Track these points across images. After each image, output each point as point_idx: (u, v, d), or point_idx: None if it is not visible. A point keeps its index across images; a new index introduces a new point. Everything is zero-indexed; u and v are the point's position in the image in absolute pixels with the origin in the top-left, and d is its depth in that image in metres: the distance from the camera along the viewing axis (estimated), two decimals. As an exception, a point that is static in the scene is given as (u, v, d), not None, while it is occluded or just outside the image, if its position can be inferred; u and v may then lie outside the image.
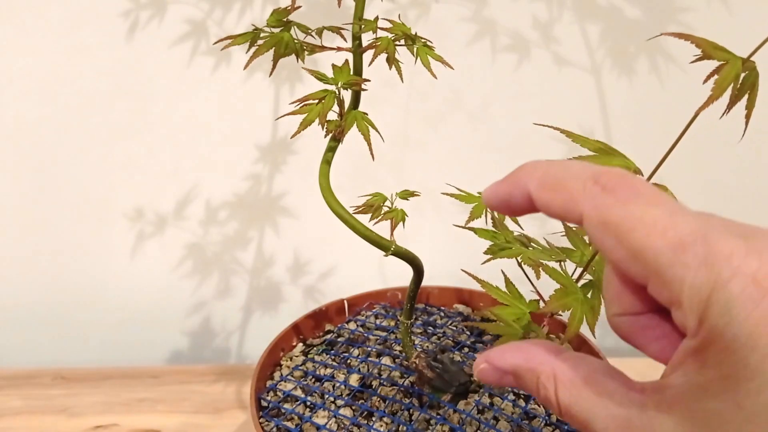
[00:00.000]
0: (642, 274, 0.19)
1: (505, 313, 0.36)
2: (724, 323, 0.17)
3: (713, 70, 0.30)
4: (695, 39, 0.30)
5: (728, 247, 0.17)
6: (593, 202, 0.20)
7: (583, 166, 0.21)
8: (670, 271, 0.18)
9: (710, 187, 0.74)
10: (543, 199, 0.22)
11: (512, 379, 0.23)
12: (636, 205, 0.19)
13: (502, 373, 0.23)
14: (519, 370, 0.23)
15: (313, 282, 0.78)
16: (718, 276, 0.17)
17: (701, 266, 0.18)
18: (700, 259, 0.18)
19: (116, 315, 0.78)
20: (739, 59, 0.30)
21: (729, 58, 0.30)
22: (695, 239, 0.18)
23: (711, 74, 0.29)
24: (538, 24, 0.67)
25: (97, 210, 0.73)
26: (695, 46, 0.30)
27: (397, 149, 0.72)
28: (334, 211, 0.42)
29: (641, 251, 0.19)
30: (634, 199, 0.20)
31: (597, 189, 0.20)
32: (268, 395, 0.49)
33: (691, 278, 0.18)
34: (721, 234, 0.18)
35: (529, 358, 0.23)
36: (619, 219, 0.19)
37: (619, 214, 0.19)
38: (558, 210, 0.21)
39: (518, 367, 0.23)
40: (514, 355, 0.23)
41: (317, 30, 0.41)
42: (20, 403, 0.68)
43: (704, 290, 0.17)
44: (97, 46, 0.66)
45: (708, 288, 0.17)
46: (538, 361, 0.22)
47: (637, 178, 0.20)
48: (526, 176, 0.22)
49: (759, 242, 0.18)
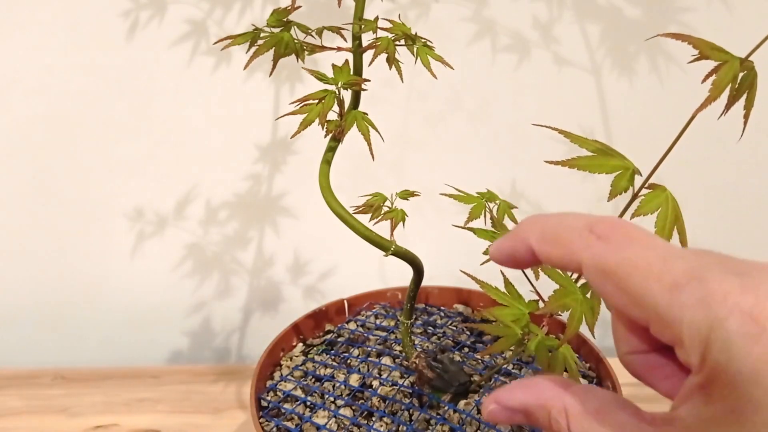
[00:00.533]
0: (643, 317, 0.20)
1: (504, 313, 0.36)
2: (725, 360, 0.17)
3: (711, 70, 0.30)
4: (692, 39, 0.30)
5: (724, 285, 0.18)
6: (590, 252, 0.21)
7: (577, 217, 0.22)
8: (668, 312, 0.19)
9: (711, 187, 0.74)
10: (544, 252, 0.23)
11: (523, 417, 0.23)
12: (630, 251, 0.20)
13: (512, 413, 0.23)
14: (529, 408, 0.23)
15: (313, 282, 0.78)
16: (716, 314, 0.18)
17: (698, 306, 0.18)
18: (696, 299, 0.18)
19: (116, 315, 0.78)
20: (737, 59, 0.30)
21: (727, 59, 0.30)
22: (690, 279, 0.18)
23: (709, 74, 0.30)
24: (538, 24, 0.67)
25: (97, 210, 0.73)
26: (692, 46, 0.30)
27: (397, 149, 0.72)
28: (334, 211, 0.42)
29: (639, 296, 0.19)
30: (629, 245, 0.20)
31: (592, 238, 0.21)
32: (268, 395, 0.49)
33: (689, 318, 0.18)
34: (716, 272, 0.18)
35: (539, 394, 0.23)
36: (616, 266, 0.20)
37: (615, 261, 0.20)
38: (558, 261, 0.22)
39: (528, 404, 0.23)
40: (523, 393, 0.23)
41: (317, 30, 0.41)
42: (20, 403, 0.68)
43: (703, 329, 0.18)
44: (97, 46, 0.66)
45: (706, 327, 0.18)
46: (547, 397, 0.22)
47: (629, 224, 0.21)
48: (526, 232, 0.23)
49: (754, 279, 0.18)
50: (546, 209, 0.72)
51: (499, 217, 0.43)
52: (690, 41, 0.30)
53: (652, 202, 0.32)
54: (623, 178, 0.32)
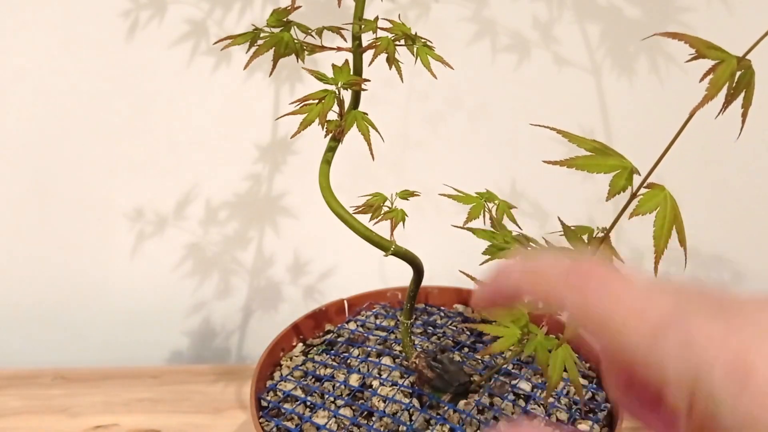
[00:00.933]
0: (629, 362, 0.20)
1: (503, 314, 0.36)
2: (712, 413, 0.17)
3: (708, 69, 0.30)
4: (689, 38, 0.30)
5: (706, 330, 0.17)
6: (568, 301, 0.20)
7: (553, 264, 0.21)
8: (651, 359, 0.18)
9: (710, 185, 0.74)
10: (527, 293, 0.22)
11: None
12: (608, 298, 0.20)
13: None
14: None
15: (313, 282, 0.78)
16: (699, 363, 0.17)
17: (681, 353, 0.18)
18: (679, 346, 0.18)
19: (116, 315, 0.78)
20: (734, 58, 0.30)
21: (724, 57, 0.30)
22: (671, 323, 0.18)
23: (706, 73, 0.30)
24: (538, 24, 0.67)
25: (97, 210, 0.73)
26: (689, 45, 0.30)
27: (397, 149, 0.72)
28: (334, 211, 0.42)
29: (621, 342, 0.19)
30: (606, 292, 0.20)
31: (568, 288, 0.21)
32: (268, 395, 0.49)
33: (673, 366, 0.18)
34: (698, 315, 0.18)
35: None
36: (594, 314, 0.20)
37: (592, 310, 0.20)
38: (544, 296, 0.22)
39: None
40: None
41: (317, 30, 0.41)
42: (20, 403, 0.68)
43: (688, 378, 0.17)
44: (97, 46, 0.66)
45: (691, 376, 0.17)
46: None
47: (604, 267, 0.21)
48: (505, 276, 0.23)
49: (737, 319, 0.17)
50: (546, 209, 0.72)
51: (499, 217, 0.43)
52: (686, 40, 0.30)
53: (650, 201, 0.32)
54: (621, 178, 0.32)
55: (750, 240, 0.77)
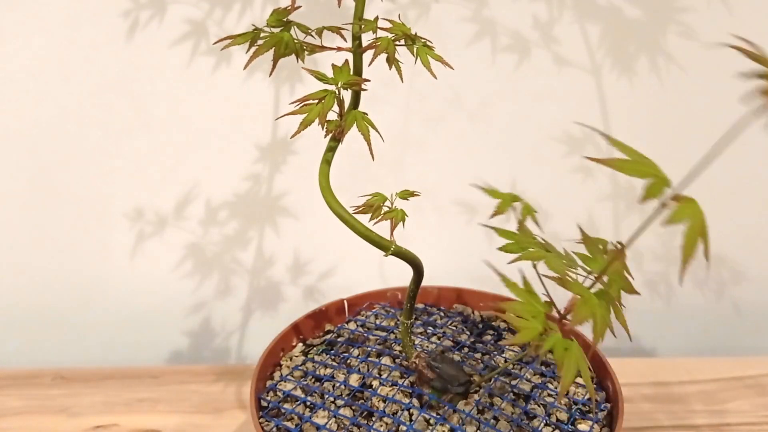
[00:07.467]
0: None
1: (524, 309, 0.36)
2: None
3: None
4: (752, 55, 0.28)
5: None
6: None
7: None
8: None
9: (712, 185, 0.74)
10: None
11: None
12: None
13: None
14: None
15: (313, 282, 0.78)
16: None
17: None
18: None
19: (116, 315, 0.78)
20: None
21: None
22: None
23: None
24: (538, 24, 0.67)
25: (97, 210, 0.73)
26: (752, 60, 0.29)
27: (397, 149, 0.72)
28: (334, 211, 0.42)
29: None
30: None
31: None
32: (268, 395, 0.49)
33: None
34: None
35: None
36: None
37: None
38: None
39: None
40: None
41: (317, 30, 0.41)
42: (20, 403, 0.68)
43: None
44: (97, 46, 0.66)
45: None
46: None
47: None
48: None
49: None
50: (546, 209, 0.72)
51: (522, 219, 0.43)
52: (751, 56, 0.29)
53: (683, 213, 0.33)
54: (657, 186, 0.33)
55: (750, 240, 0.77)
